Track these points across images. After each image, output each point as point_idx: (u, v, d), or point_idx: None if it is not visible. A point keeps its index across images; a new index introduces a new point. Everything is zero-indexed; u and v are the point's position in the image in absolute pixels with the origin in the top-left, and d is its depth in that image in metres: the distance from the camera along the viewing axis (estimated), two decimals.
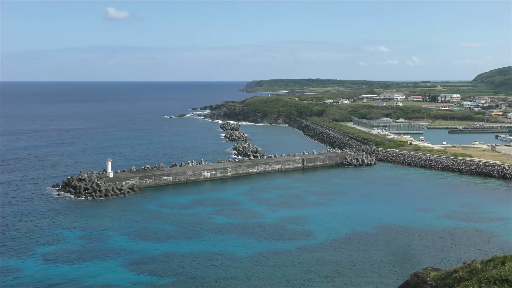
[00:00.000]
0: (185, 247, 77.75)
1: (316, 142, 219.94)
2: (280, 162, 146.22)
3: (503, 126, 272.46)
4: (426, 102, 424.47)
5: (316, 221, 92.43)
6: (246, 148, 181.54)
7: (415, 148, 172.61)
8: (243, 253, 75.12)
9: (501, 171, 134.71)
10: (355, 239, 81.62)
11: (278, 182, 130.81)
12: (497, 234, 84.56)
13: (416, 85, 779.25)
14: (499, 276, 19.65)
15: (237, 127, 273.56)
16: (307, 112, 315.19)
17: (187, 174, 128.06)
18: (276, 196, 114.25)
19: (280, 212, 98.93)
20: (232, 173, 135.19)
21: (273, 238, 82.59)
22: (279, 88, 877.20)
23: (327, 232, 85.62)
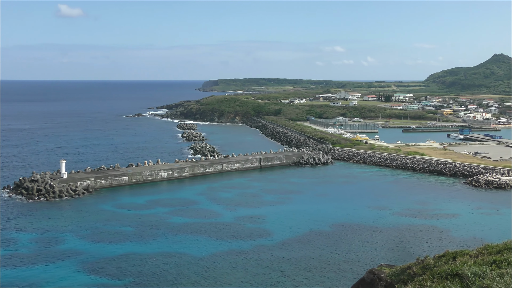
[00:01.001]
0: (142, 248, 76.84)
1: (273, 141, 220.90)
2: (237, 161, 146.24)
3: (454, 125, 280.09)
4: (380, 101, 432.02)
5: (273, 220, 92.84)
6: (203, 147, 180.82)
7: (370, 147, 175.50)
8: (201, 253, 74.79)
9: (452, 169, 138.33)
10: (312, 238, 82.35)
11: (235, 181, 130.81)
12: (448, 230, 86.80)
13: (371, 84, 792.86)
14: (451, 271, 20.13)
15: (194, 127, 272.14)
16: (264, 112, 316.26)
17: (143, 174, 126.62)
18: (234, 195, 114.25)
19: (237, 211, 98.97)
20: (189, 173, 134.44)
21: (231, 237, 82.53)
22: (236, 88, 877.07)
23: (285, 231, 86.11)
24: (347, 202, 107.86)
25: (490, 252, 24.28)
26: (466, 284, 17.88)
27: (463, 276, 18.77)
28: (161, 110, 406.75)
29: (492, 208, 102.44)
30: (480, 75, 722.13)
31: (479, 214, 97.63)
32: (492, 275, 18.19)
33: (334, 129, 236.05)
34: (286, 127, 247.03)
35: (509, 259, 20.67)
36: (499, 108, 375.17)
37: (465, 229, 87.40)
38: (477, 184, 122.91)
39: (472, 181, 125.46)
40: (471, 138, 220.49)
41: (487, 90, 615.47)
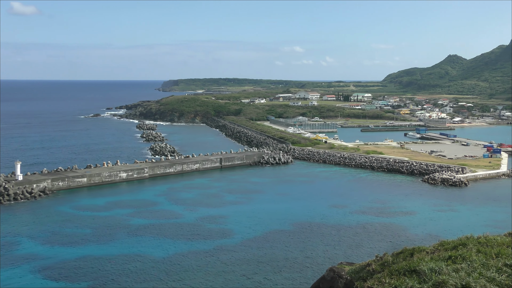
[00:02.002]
0: (101, 250, 75.66)
1: (233, 141, 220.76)
2: (198, 161, 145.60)
3: (411, 124, 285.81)
4: (339, 101, 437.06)
5: (234, 220, 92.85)
6: (163, 148, 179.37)
7: (329, 146, 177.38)
8: (162, 254, 74.16)
9: (409, 167, 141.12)
10: (273, 237, 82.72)
11: (196, 181, 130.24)
12: (406, 228, 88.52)
13: (330, 84, 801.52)
14: (408, 267, 20.57)
15: (154, 127, 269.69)
16: (224, 112, 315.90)
17: (102, 176, 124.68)
18: (195, 195, 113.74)
19: (198, 212, 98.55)
20: (149, 173, 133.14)
21: (192, 238, 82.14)
22: (196, 88, 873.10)
23: (246, 231, 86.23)
24: (308, 201, 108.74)
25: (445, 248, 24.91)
26: (423, 280, 18.31)
27: (420, 272, 19.21)
28: (120, 111, 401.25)
29: (447, 205, 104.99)
30: (435, 76, 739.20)
31: (435, 211, 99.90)
32: (447, 271, 18.67)
33: (294, 129, 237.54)
34: (247, 127, 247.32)
35: (463, 255, 21.26)
36: (454, 108, 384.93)
37: (422, 226, 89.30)
38: (433, 182, 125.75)
39: (429, 179, 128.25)
40: (427, 137, 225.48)
41: (442, 90, 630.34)
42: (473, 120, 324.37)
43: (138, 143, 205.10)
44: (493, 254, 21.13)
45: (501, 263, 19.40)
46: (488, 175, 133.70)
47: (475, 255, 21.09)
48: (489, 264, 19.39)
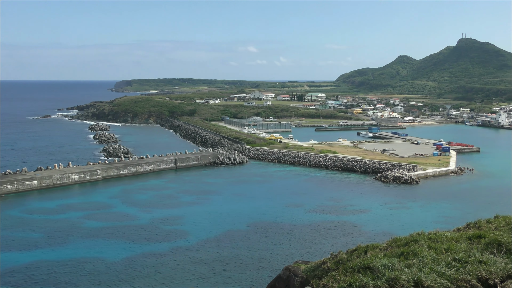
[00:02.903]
0: (54, 254, 73.89)
1: (188, 141, 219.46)
2: (152, 162, 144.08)
3: (364, 124, 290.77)
4: (294, 101, 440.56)
5: (190, 221, 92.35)
6: (116, 149, 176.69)
7: (284, 146, 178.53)
8: (116, 257, 73.01)
9: (362, 166, 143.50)
10: (229, 237, 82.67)
11: (150, 183, 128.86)
12: (360, 225, 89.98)
13: (284, 84, 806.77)
14: (362, 264, 20.90)
15: (107, 128, 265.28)
16: (178, 112, 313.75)
17: (53, 178, 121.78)
18: (149, 197, 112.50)
19: (153, 213, 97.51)
20: (102, 175, 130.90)
21: (147, 240, 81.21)
22: (150, 88, 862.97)
23: (202, 232, 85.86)
24: (263, 200, 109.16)
25: (398, 245, 25.44)
26: (376, 276, 18.63)
27: (374, 268, 19.54)
28: (72, 111, 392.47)
29: (399, 202, 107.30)
30: (387, 76, 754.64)
31: (388, 209, 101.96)
32: (400, 267, 19.07)
33: (249, 129, 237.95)
34: (201, 128, 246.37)
35: (415, 251, 21.76)
36: (405, 107, 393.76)
37: (376, 224, 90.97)
38: (386, 180, 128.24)
39: (381, 177, 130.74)
40: (379, 136, 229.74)
41: (393, 89, 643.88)
42: (423, 119, 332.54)
43: (90, 145, 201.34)
44: (443, 250, 21.71)
45: (451, 258, 19.96)
46: (438, 172, 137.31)
47: (426, 251, 21.61)
48: (439, 259, 19.91)
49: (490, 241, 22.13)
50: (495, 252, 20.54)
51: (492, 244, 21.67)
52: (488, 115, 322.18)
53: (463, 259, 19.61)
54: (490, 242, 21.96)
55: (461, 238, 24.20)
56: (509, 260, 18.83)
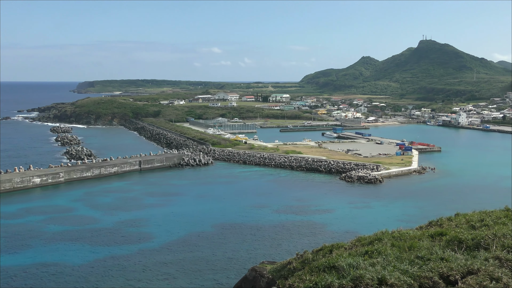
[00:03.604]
0: (14, 260, 72.13)
1: (152, 143, 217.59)
2: (116, 164, 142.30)
3: (328, 124, 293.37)
4: (258, 102, 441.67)
5: (155, 223, 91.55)
6: (79, 151, 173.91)
7: (249, 146, 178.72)
8: (78, 261, 71.76)
9: (327, 166, 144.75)
10: (195, 239, 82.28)
11: (114, 185, 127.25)
12: (325, 225, 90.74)
13: (249, 85, 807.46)
14: (328, 263, 21.08)
15: (69, 130, 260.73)
16: (142, 113, 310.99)
17: (13, 182, 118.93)
18: (113, 199, 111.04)
19: (117, 216, 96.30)
20: (65, 178, 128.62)
21: (111, 243, 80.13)
22: (113, 89, 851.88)
23: (167, 234, 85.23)
24: (228, 201, 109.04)
25: (362, 244, 25.76)
26: (341, 275, 18.83)
27: (339, 267, 19.74)
28: (32, 113, 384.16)
29: (363, 202, 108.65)
30: (350, 76, 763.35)
31: (353, 208, 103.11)
32: (364, 265, 19.32)
33: (214, 130, 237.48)
34: (166, 129, 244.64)
35: (379, 249, 22.08)
36: (368, 108, 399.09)
37: (340, 223, 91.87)
38: (350, 179, 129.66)
39: (346, 177, 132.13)
40: (343, 136, 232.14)
41: (356, 90, 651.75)
42: (386, 119, 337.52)
43: (52, 147, 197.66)
44: (406, 248, 22.09)
45: (413, 256, 20.32)
46: (401, 172, 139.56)
47: (389, 249, 21.95)
48: (403, 257, 20.25)
49: (451, 238, 22.61)
50: (456, 249, 20.99)
51: (453, 241, 22.15)
52: (449, 115, 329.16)
53: (426, 256, 19.99)
54: (451, 240, 22.44)
55: (423, 236, 24.66)
56: (469, 257, 19.27)
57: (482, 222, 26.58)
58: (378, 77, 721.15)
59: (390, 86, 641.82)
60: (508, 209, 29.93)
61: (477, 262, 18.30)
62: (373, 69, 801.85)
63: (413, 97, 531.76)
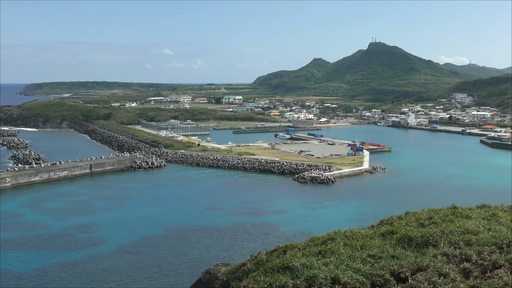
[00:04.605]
0: None
1: (104, 146, 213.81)
2: (66, 168, 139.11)
3: (281, 125, 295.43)
4: (211, 104, 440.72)
5: (106, 228, 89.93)
6: (27, 155, 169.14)
7: (202, 148, 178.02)
8: (27, 268, 69.69)
9: (280, 167, 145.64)
10: (147, 243, 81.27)
11: (64, 189, 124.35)
12: (279, 226, 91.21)
13: (202, 87, 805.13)
14: (282, 264, 21.19)
15: (16, 133, 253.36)
16: (93, 116, 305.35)
17: None
18: (63, 204, 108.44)
19: (67, 221, 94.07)
20: (11, 183, 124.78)
21: (61, 249, 78.17)
22: (62, 91, 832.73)
23: (119, 238, 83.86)
24: (182, 204, 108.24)
25: (316, 244, 26.00)
26: (295, 275, 18.95)
27: (293, 268, 19.87)
28: None
29: (316, 202, 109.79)
30: (302, 78, 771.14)
31: (306, 209, 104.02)
32: (318, 265, 19.51)
33: (166, 132, 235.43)
34: (118, 132, 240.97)
35: (332, 249, 22.34)
36: (320, 109, 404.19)
37: (294, 224, 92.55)
38: (303, 180, 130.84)
39: (299, 177, 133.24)
40: (296, 137, 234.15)
41: (308, 92, 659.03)
42: (338, 121, 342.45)
43: None
44: (358, 247, 22.43)
45: (366, 254, 20.65)
46: (353, 172, 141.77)
47: (342, 249, 22.24)
48: (355, 256, 20.54)
49: (402, 236, 23.10)
50: (406, 246, 21.46)
51: (403, 239, 22.63)
52: (398, 116, 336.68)
53: (377, 255, 20.35)
54: (401, 238, 22.92)
55: (375, 235, 25.10)
56: (419, 254, 19.73)
57: (431, 220, 27.25)
58: (329, 79, 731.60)
59: (342, 87, 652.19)
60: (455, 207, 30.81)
61: (426, 259, 18.76)
62: (325, 70, 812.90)
63: (364, 98, 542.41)
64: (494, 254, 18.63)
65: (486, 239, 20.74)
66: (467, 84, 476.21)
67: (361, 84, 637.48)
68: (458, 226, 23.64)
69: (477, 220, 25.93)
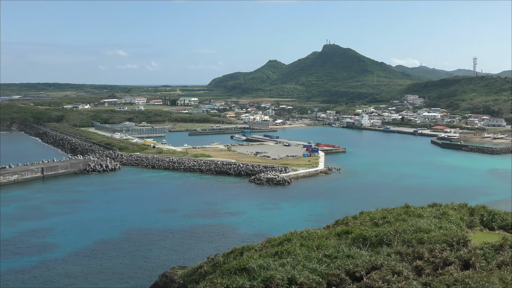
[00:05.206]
0: None
1: (56, 149, 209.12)
2: (16, 172, 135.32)
3: (237, 127, 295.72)
4: (166, 105, 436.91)
5: (61, 232, 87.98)
6: None
7: (158, 151, 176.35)
8: None
9: (237, 169, 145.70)
10: (103, 247, 79.93)
11: (15, 194, 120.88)
12: (236, 227, 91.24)
13: (157, 89, 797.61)
14: (239, 266, 21.25)
15: None
16: (45, 118, 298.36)
17: None
18: (13, 209, 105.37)
19: (18, 226, 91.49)
20: None
21: (11, 255, 75.92)
22: (12, 93, 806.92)
23: (73, 242, 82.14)
24: (137, 207, 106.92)
25: (272, 245, 26.17)
26: (252, 277, 19.03)
27: (250, 269, 19.95)
28: None
29: (273, 203, 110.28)
30: (258, 80, 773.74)
31: (262, 210, 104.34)
32: (275, 266, 19.65)
33: (121, 135, 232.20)
34: (70, 134, 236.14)
35: (288, 249, 22.54)
36: (275, 110, 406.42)
37: (251, 225, 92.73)
38: (259, 181, 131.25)
39: (255, 179, 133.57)
40: (252, 139, 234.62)
41: (264, 93, 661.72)
42: (293, 122, 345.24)
43: None
44: (315, 247, 22.70)
45: (321, 254, 20.92)
46: (308, 173, 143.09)
47: (298, 249, 22.46)
48: (311, 256, 20.79)
49: (357, 236, 23.50)
50: (361, 246, 21.84)
51: (358, 238, 23.03)
52: (352, 117, 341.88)
53: (333, 254, 20.66)
54: (356, 237, 23.32)
55: (330, 235, 25.45)
56: (373, 253, 20.13)
57: (385, 219, 27.82)
58: (285, 81, 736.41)
59: (297, 89, 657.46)
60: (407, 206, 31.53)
61: (380, 257, 19.15)
62: (280, 72, 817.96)
63: (319, 100, 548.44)
64: (445, 252, 19.19)
65: (437, 237, 21.34)
66: (418, 86, 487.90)
67: (316, 86, 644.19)
68: (410, 225, 24.22)
69: (428, 218, 26.64)
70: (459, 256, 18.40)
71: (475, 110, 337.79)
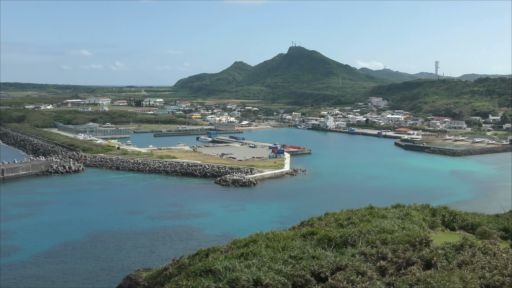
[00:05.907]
0: None
1: (17, 150, 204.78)
2: None
3: (203, 128, 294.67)
4: (131, 106, 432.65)
5: (22, 235, 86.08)
6: None
7: (122, 152, 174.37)
8: None
9: (202, 170, 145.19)
10: (66, 249, 78.56)
11: None
12: (201, 229, 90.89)
13: (121, 89, 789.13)
14: (204, 267, 21.19)
15: None
16: (5, 119, 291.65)
17: None
18: None
19: None
20: None
21: None
22: None
23: (35, 245, 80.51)
24: (101, 209, 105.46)
25: (238, 246, 26.19)
26: (218, 279, 19.01)
27: (216, 271, 19.92)
28: None
29: (239, 205, 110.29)
30: (224, 81, 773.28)
31: (228, 211, 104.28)
32: (240, 267, 19.66)
33: (84, 136, 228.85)
34: (32, 135, 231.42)
35: (254, 251, 22.58)
36: (241, 112, 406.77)
37: (216, 226, 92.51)
38: (225, 183, 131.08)
39: (221, 180, 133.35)
40: (218, 140, 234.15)
41: (230, 95, 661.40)
42: (259, 123, 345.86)
43: None
44: (280, 248, 22.81)
45: (287, 256, 21.03)
46: (274, 174, 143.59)
47: (264, 250, 22.53)
48: (277, 258, 20.88)
49: (322, 237, 23.70)
50: (326, 247, 22.04)
51: (323, 239, 23.23)
52: (317, 119, 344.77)
53: (298, 255, 20.79)
54: (321, 238, 23.52)
55: (296, 236, 25.60)
56: (338, 254, 20.34)
57: (349, 220, 28.14)
58: (250, 82, 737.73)
59: (263, 90, 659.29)
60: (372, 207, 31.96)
61: (345, 258, 19.36)
62: (246, 74, 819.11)
63: (284, 102, 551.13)
64: (407, 252, 19.52)
65: (401, 238, 21.69)
66: (382, 88, 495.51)
67: (282, 88, 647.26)
68: (374, 226, 24.56)
69: (392, 219, 27.07)
70: (422, 256, 18.74)
71: (437, 112, 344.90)
